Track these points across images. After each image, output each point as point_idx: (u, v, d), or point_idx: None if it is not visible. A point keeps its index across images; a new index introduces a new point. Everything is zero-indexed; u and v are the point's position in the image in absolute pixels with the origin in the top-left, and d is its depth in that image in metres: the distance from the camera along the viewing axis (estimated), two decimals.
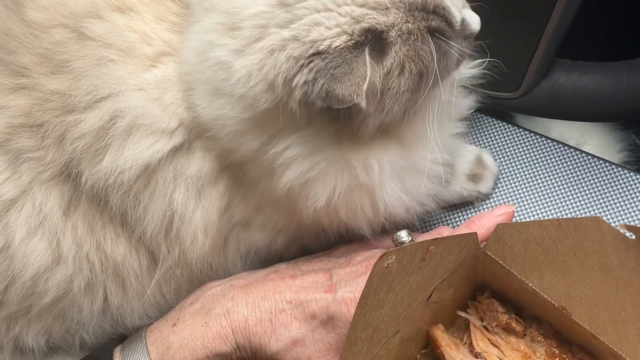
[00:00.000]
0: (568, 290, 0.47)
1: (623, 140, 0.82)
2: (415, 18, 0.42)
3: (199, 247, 0.52)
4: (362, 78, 0.41)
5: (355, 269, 0.51)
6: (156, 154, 0.48)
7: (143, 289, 0.54)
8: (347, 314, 0.48)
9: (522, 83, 0.65)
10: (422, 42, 0.43)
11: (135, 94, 0.47)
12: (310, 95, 0.42)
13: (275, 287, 0.51)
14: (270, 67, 0.43)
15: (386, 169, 0.49)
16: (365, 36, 0.42)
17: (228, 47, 0.44)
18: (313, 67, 0.41)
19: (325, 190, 0.48)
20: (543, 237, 0.47)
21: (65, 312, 0.53)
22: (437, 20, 0.43)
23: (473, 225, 0.52)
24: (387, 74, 0.43)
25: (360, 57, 0.41)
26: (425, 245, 0.45)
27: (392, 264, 0.43)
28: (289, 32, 0.42)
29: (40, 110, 0.48)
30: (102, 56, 0.47)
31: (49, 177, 0.49)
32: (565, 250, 0.47)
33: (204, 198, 0.51)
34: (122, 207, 0.50)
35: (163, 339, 0.51)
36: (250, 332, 0.50)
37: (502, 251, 0.49)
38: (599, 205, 0.64)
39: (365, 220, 0.52)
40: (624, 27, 0.80)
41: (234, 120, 0.46)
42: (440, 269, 0.47)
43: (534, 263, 0.48)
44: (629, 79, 0.62)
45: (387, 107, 0.45)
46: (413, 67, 0.43)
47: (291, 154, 0.46)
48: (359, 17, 0.42)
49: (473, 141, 0.70)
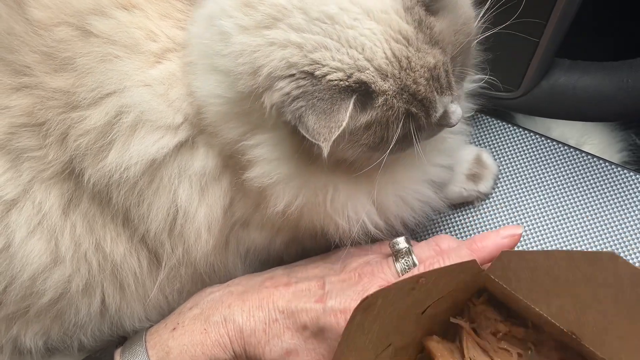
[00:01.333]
0: (579, 318, 0.45)
1: (623, 140, 0.82)
2: (402, 98, 0.43)
3: (203, 245, 0.52)
4: (336, 125, 0.42)
5: (348, 277, 0.52)
6: (162, 150, 0.48)
7: (143, 290, 0.53)
8: (336, 325, 0.48)
9: (522, 83, 0.65)
10: (395, 118, 0.44)
11: (141, 90, 0.47)
12: (285, 107, 0.43)
13: (270, 296, 0.51)
14: (262, 55, 0.43)
15: (341, 195, 0.50)
16: (359, 86, 0.43)
17: (236, 20, 0.44)
18: (302, 85, 0.42)
19: (283, 199, 0.48)
20: (552, 267, 0.45)
21: (63, 314, 0.53)
22: (418, 108, 0.44)
23: (474, 246, 0.51)
24: (356, 125, 0.44)
25: (345, 103, 0.42)
26: (415, 279, 0.44)
27: (376, 302, 0.42)
28: (297, 36, 0.43)
29: (43, 109, 0.48)
30: (107, 53, 0.47)
31: (49, 175, 0.49)
32: (576, 280, 0.44)
33: (207, 195, 0.51)
34: (125, 204, 0.49)
35: (163, 343, 0.51)
36: (246, 341, 0.50)
37: (507, 276, 0.46)
38: (598, 205, 0.64)
39: (327, 233, 0.52)
40: (624, 27, 0.80)
41: (220, 100, 0.46)
42: (433, 293, 0.46)
43: (541, 289, 0.45)
44: (629, 79, 0.62)
45: (342, 148, 0.45)
46: (378, 131, 0.44)
47: (258, 153, 0.47)
48: (361, 67, 0.42)
49: (473, 141, 0.70)
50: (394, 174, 0.51)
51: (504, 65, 0.55)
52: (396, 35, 0.43)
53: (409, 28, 0.43)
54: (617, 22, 0.81)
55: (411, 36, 0.43)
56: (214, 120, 0.48)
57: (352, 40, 0.42)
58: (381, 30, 0.43)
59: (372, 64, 0.43)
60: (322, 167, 0.48)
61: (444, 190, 0.61)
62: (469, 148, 0.66)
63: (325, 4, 0.42)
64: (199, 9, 0.49)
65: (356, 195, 0.51)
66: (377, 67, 0.43)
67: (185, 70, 0.49)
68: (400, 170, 0.52)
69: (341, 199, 0.50)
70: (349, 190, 0.50)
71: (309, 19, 0.43)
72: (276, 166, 0.47)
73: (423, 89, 0.43)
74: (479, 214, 0.66)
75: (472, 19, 0.47)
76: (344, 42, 0.42)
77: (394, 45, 0.43)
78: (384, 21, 0.43)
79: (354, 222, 0.51)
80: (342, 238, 0.52)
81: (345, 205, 0.50)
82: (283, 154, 0.47)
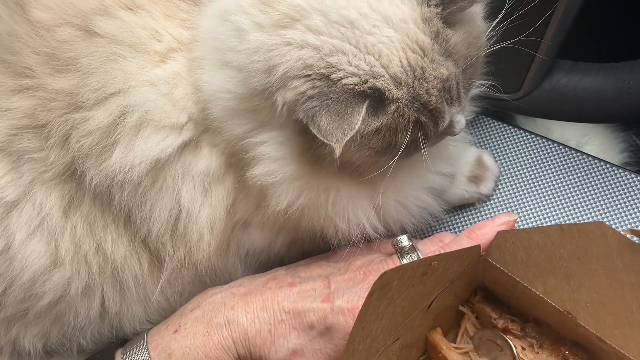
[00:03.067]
0: (573, 295, 0.47)
1: (624, 141, 0.82)
2: (414, 106, 0.44)
3: (205, 246, 0.52)
4: (349, 128, 0.42)
5: (354, 276, 0.51)
6: (166, 150, 0.48)
7: (144, 292, 0.53)
8: (344, 324, 0.48)
9: (523, 84, 0.65)
10: (404, 125, 0.44)
11: (146, 89, 0.47)
12: (299, 105, 0.43)
13: (274, 297, 0.51)
14: (278, 54, 0.43)
15: (343, 198, 0.50)
16: (373, 92, 0.43)
17: (252, 17, 0.44)
18: (317, 86, 0.43)
19: (285, 199, 0.49)
20: (545, 243, 0.47)
21: (62, 316, 0.53)
22: (427, 117, 0.45)
23: (473, 235, 0.52)
24: (367, 130, 0.44)
25: (359, 107, 0.43)
26: (428, 261, 0.45)
27: (392, 281, 0.43)
28: (314, 38, 0.43)
29: (44, 110, 0.48)
30: (111, 52, 0.47)
31: (50, 177, 0.49)
32: (568, 256, 0.47)
33: (211, 195, 0.51)
34: (127, 205, 0.49)
35: (165, 345, 0.51)
36: (250, 343, 0.50)
37: (504, 258, 0.49)
38: (599, 207, 0.64)
39: (326, 235, 0.52)
40: (624, 28, 0.81)
41: (229, 95, 0.47)
42: (442, 280, 0.47)
43: (536, 269, 0.48)
44: (630, 80, 0.62)
45: (350, 150, 0.46)
46: (386, 136, 0.45)
47: (264, 151, 0.47)
48: (377, 74, 0.43)
49: (474, 142, 0.70)
50: (396, 180, 0.52)
51: (505, 67, 0.55)
52: (413, 45, 0.43)
53: (425, 39, 0.44)
54: (618, 24, 0.81)
55: (427, 47, 0.43)
56: (221, 116, 0.48)
57: (370, 46, 0.43)
58: (399, 39, 0.43)
59: (388, 72, 0.43)
60: (326, 169, 0.48)
61: (445, 193, 0.61)
62: (470, 150, 0.66)
63: (345, 8, 0.43)
64: (208, 5, 0.49)
65: (358, 199, 0.51)
66: (392, 75, 0.43)
67: (191, 65, 0.49)
68: (402, 176, 0.52)
69: (343, 201, 0.50)
70: (351, 194, 0.50)
71: (328, 21, 0.43)
72: (281, 165, 0.47)
73: (434, 99, 0.44)
74: (480, 216, 0.66)
75: (483, 33, 0.48)
76: (362, 47, 0.43)
77: (410, 54, 0.43)
78: (402, 30, 0.43)
79: (353, 225, 0.51)
80: (341, 240, 0.52)
81: (347, 209, 0.50)
82: (288, 154, 0.47)
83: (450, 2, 0.44)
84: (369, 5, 0.43)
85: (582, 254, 0.46)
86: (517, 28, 0.49)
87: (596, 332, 0.46)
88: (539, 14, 0.58)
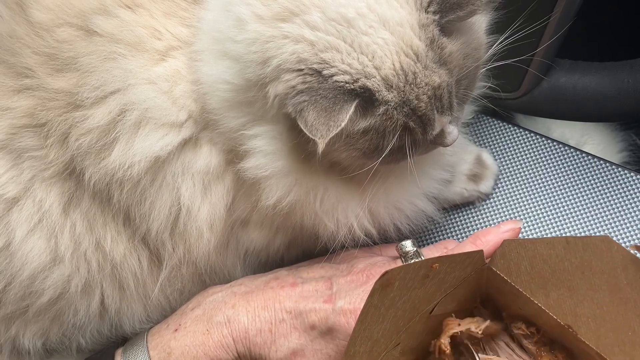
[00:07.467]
0: (575, 309, 0.46)
1: (623, 140, 0.82)
2: (403, 111, 0.44)
3: (205, 244, 0.52)
4: (335, 124, 0.42)
5: (356, 278, 0.51)
6: (166, 147, 0.48)
7: (144, 291, 0.53)
8: (346, 325, 0.48)
9: (522, 83, 0.65)
10: (392, 129, 0.44)
11: (145, 87, 0.47)
12: (289, 99, 0.43)
13: (276, 296, 0.51)
14: (275, 46, 0.43)
15: (332, 197, 0.50)
16: (363, 91, 0.43)
17: (253, 8, 0.45)
18: (308, 81, 0.43)
19: (275, 193, 0.49)
20: (550, 255, 0.46)
21: (62, 314, 0.53)
22: (416, 123, 0.44)
23: (478, 241, 0.52)
24: (354, 129, 0.44)
25: (347, 105, 0.42)
26: (430, 263, 0.45)
27: (394, 281, 0.43)
28: (311, 34, 0.43)
29: (44, 110, 0.48)
30: (111, 51, 0.47)
31: (50, 175, 0.49)
32: (572, 269, 0.46)
33: (210, 193, 0.51)
34: (127, 203, 0.49)
35: (164, 344, 0.51)
36: (251, 342, 0.50)
37: (508, 267, 0.48)
38: (599, 206, 0.64)
39: (318, 234, 0.52)
40: (624, 27, 0.81)
41: (226, 86, 0.47)
42: (444, 284, 0.47)
43: (540, 280, 0.47)
44: (630, 79, 0.62)
45: (337, 149, 0.46)
46: (374, 139, 0.45)
47: (256, 144, 0.47)
48: (368, 74, 0.43)
49: (473, 141, 0.70)
50: (387, 184, 0.52)
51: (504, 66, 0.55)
52: (407, 50, 0.43)
53: (420, 44, 0.43)
54: (618, 22, 0.81)
55: (421, 53, 0.43)
56: (218, 108, 0.48)
57: (364, 46, 0.43)
58: (393, 42, 0.43)
59: (380, 73, 0.43)
60: (315, 167, 0.48)
61: (444, 193, 0.61)
62: (470, 148, 0.67)
63: (344, 6, 0.43)
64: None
65: (346, 200, 0.51)
66: (383, 76, 0.43)
67: (192, 58, 0.49)
68: (393, 181, 0.52)
69: (331, 200, 0.50)
70: (340, 194, 0.50)
71: (326, 18, 0.43)
72: (271, 160, 0.48)
73: (424, 105, 0.44)
74: (479, 214, 0.66)
75: (483, 46, 0.48)
76: (357, 47, 0.43)
77: (403, 58, 0.43)
78: (398, 34, 0.43)
79: (342, 225, 0.51)
80: (330, 240, 0.52)
81: (335, 208, 0.51)
82: (279, 149, 0.47)
83: (449, 11, 0.44)
84: (367, 6, 0.43)
85: (587, 268, 0.45)
86: (516, 27, 0.49)
87: (596, 348, 0.45)
88: (539, 13, 0.58)
